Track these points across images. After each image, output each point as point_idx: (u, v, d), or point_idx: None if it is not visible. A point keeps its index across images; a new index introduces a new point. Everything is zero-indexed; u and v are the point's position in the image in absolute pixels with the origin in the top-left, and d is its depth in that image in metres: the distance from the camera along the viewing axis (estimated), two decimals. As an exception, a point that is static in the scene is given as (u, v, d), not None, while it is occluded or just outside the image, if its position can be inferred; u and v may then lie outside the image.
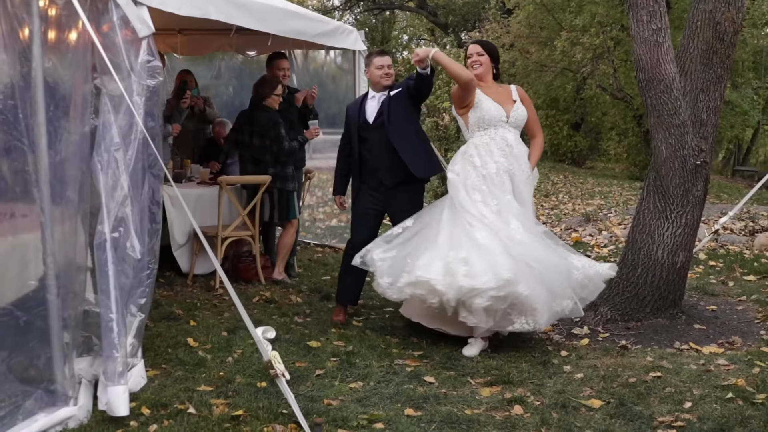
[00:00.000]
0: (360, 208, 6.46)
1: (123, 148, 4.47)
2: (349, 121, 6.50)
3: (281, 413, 4.44)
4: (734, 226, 10.91)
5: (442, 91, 13.66)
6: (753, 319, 6.59)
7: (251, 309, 6.64)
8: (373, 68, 6.39)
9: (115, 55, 4.48)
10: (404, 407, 4.64)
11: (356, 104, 6.54)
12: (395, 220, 6.33)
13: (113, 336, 4.33)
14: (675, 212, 6.29)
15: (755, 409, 4.62)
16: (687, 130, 6.14)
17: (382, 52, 6.60)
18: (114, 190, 4.45)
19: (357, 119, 6.39)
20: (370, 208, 6.40)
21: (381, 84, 6.37)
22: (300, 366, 5.31)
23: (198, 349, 5.60)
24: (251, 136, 7.62)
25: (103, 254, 4.37)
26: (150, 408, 4.51)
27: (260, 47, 8.94)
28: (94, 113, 4.54)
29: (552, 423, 4.44)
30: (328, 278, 7.92)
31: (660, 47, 5.94)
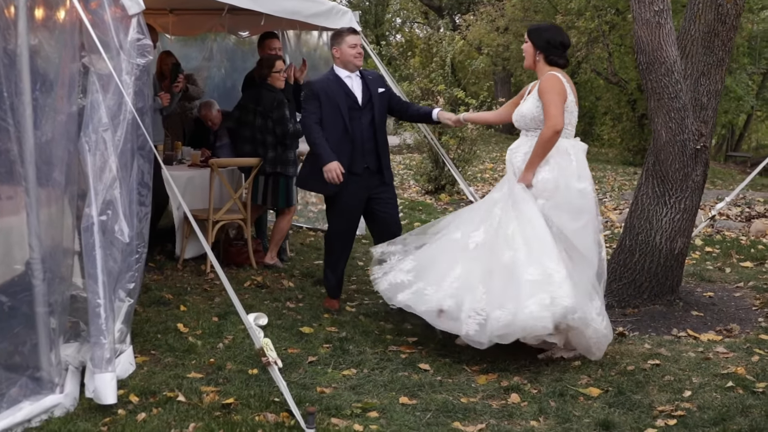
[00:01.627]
0: (349, 198, 6.10)
1: (111, 129, 4.35)
2: (325, 100, 6.03)
3: (273, 401, 4.34)
4: (730, 212, 10.84)
5: (436, 74, 13.49)
6: (750, 306, 6.52)
7: (242, 294, 6.53)
8: (345, 47, 6.11)
9: (103, 32, 4.36)
10: (399, 395, 4.55)
11: (332, 83, 6.11)
12: (374, 208, 6.19)
13: (101, 322, 4.22)
14: (674, 197, 6.19)
15: (756, 398, 4.55)
16: (687, 113, 6.03)
17: (353, 30, 6.39)
18: (102, 171, 4.33)
19: (344, 98, 6.09)
20: (359, 200, 6.15)
21: (354, 63, 6.15)
22: (292, 353, 5.21)
23: (188, 334, 5.49)
24: (254, 115, 7.41)
25: (91, 238, 4.25)
26: (138, 396, 4.41)
27: (253, 27, 8.77)
28: (81, 93, 4.42)
29: (550, 412, 4.35)
30: (320, 262, 7.79)
31: (662, 29, 5.83)
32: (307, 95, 6.16)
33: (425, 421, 4.23)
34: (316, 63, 9.94)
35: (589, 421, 4.24)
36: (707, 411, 4.37)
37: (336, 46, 6.18)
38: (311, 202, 10.04)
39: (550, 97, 5.20)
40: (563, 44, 5.39)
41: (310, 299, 6.52)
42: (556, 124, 5.15)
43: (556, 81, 5.25)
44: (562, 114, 5.20)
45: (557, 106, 5.18)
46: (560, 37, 5.40)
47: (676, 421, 4.23)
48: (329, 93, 6.08)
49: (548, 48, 5.33)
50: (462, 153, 12.62)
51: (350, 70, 6.17)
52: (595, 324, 4.96)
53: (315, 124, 6.05)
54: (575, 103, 5.33)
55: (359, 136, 6.08)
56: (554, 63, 5.35)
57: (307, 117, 6.10)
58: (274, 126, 7.28)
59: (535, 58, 5.39)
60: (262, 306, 6.21)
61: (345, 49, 6.13)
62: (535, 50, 5.38)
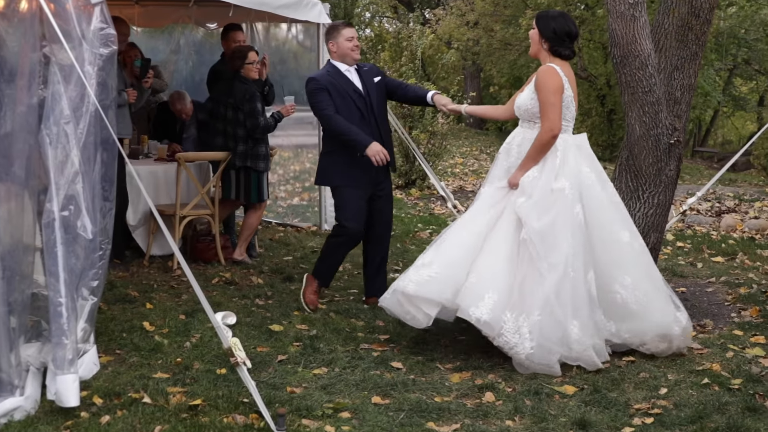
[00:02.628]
0: (358, 189, 5.96)
1: (74, 121, 4.21)
2: (335, 93, 5.88)
3: (242, 402, 4.22)
4: (700, 206, 10.86)
5: (407, 68, 13.38)
6: (723, 302, 6.49)
7: (210, 291, 6.40)
8: (342, 40, 5.99)
9: (65, 22, 4.22)
10: (371, 395, 4.44)
11: (336, 76, 5.96)
12: (376, 203, 6.08)
13: (62, 321, 4.07)
14: (647, 192, 6.14)
15: (732, 395, 4.50)
16: (661, 108, 5.98)
17: (349, 23, 6.26)
18: (64, 165, 4.18)
19: (349, 91, 5.93)
20: (366, 192, 6.03)
21: (351, 57, 6.02)
22: (261, 351, 5.09)
23: (154, 333, 5.35)
24: (226, 108, 7.25)
25: (52, 234, 4.10)
26: (102, 397, 4.27)
27: (221, 19, 8.61)
28: (42, 84, 4.27)
29: (525, 411, 4.27)
30: (290, 258, 7.69)
31: (636, 22, 5.76)
32: (315, 89, 5.92)
33: (398, 421, 4.12)
34: (285, 56, 9.82)
35: (566, 420, 4.16)
36: (684, 409, 4.31)
37: (332, 40, 6.04)
38: (280, 197, 9.91)
39: (546, 97, 5.03)
40: (570, 34, 5.17)
41: (279, 296, 6.39)
42: (553, 128, 5.01)
43: (551, 77, 5.07)
44: (560, 116, 5.05)
45: (554, 108, 5.02)
46: (568, 26, 5.18)
47: (653, 420, 4.16)
48: (337, 86, 5.92)
49: (554, 38, 5.12)
50: (432, 147, 12.54)
51: (348, 64, 6.03)
52: (520, 348, 4.78)
53: (336, 114, 5.87)
54: (573, 97, 5.16)
55: (365, 129, 5.94)
56: (558, 54, 5.16)
57: (324, 109, 5.89)
58: (245, 119, 7.13)
59: (541, 47, 5.20)
60: (230, 303, 6.08)
61: (342, 43, 5.99)
62: (540, 38, 5.18)
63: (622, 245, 5.13)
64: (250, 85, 7.18)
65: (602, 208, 5.15)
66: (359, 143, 5.80)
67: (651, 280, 5.18)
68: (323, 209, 8.99)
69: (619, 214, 5.26)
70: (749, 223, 9.69)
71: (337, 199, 6.09)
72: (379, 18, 33.94)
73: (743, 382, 4.67)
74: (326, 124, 5.97)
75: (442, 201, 10.57)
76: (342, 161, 5.97)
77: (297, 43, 9.84)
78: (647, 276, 5.18)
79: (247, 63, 7.18)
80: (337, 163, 5.99)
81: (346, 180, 5.98)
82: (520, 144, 5.21)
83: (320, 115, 5.98)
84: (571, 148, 5.14)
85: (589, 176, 5.16)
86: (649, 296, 5.08)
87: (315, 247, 8.13)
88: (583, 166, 5.18)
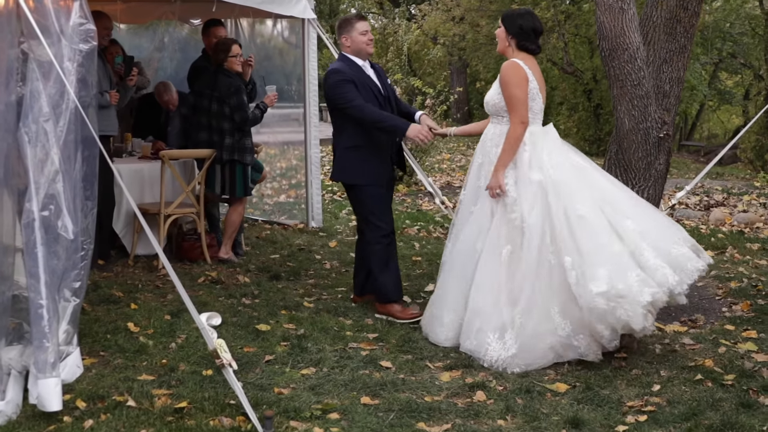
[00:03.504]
0: (382, 187, 5.83)
1: (53, 119, 4.11)
2: (360, 86, 5.69)
3: (228, 404, 4.14)
4: (689, 200, 10.82)
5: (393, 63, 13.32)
6: (714, 296, 6.45)
7: (196, 290, 6.30)
8: (356, 34, 5.78)
9: (43, 17, 4.11)
10: (360, 395, 4.37)
11: (356, 69, 5.77)
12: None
13: (44, 324, 3.98)
14: (637, 186, 6.06)
15: (725, 391, 4.45)
16: (650, 101, 5.92)
17: (362, 16, 6.06)
18: (43, 164, 4.09)
19: (370, 84, 5.78)
20: (388, 190, 5.94)
21: (366, 51, 5.84)
22: (248, 351, 5.01)
23: (139, 334, 5.25)
24: (210, 101, 7.14)
25: (32, 234, 4.01)
26: (86, 401, 4.18)
27: (204, 15, 8.49)
28: (21, 80, 4.17)
29: (517, 410, 4.21)
30: (276, 257, 7.60)
31: (624, 15, 5.69)
32: (340, 81, 5.69)
33: (388, 422, 4.05)
34: (271, 53, 9.72)
35: (558, 419, 4.10)
36: (677, 405, 4.26)
37: (345, 34, 5.83)
38: (266, 194, 9.81)
39: (511, 92, 5.10)
40: (535, 30, 5.28)
41: (266, 295, 6.29)
42: (523, 120, 5.08)
43: (514, 71, 5.13)
44: (527, 108, 5.11)
45: (520, 101, 5.08)
46: (533, 23, 5.28)
47: (646, 417, 4.11)
48: (359, 79, 5.75)
49: (520, 34, 5.22)
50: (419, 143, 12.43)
51: (362, 58, 5.86)
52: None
53: (367, 103, 5.65)
54: (539, 89, 5.20)
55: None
56: (525, 49, 5.25)
57: (353, 99, 5.63)
58: (231, 112, 7.03)
59: (508, 43, 5.27)
60: (216, 303, 6.00)
61: (356, 37, 5.80)
62: (507, 35, 5.27)
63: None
64: (234, 78, 7.09)
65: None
66: (398, 128, 5.66)
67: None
68: (310, 206, 8.90)
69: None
70: (738, 216, 9.67)
71: (364, 198, 5.81)
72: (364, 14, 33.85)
73: (736, 378, 4.63)
74: (358, 113, 5.64)
75: (430, 197, 10.50)
76: (367, 157, 5.77)
77: (282, 40, 9.73)
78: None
79: (231, 56, 7.09)
80: (363, 160, 5.77)
81: (371, 178, 5.79)
82: (492, 138, 5.27)
83: (350, 106, 5.65)
84: (540, 139, 5.18)
85: (578, 162, 5.21)
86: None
87: (302, 245, 8.05)
88: (571, 154, 5.25)
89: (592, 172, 5.19)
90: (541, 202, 4.98)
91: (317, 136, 8.96)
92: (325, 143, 10.48)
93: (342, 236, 8.63)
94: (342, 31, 5.88)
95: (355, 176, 5.81)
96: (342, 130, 5.82)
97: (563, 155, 5.18)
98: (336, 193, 11.78)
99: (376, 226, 5.79)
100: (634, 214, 5.00)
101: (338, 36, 5.94)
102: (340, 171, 5.88)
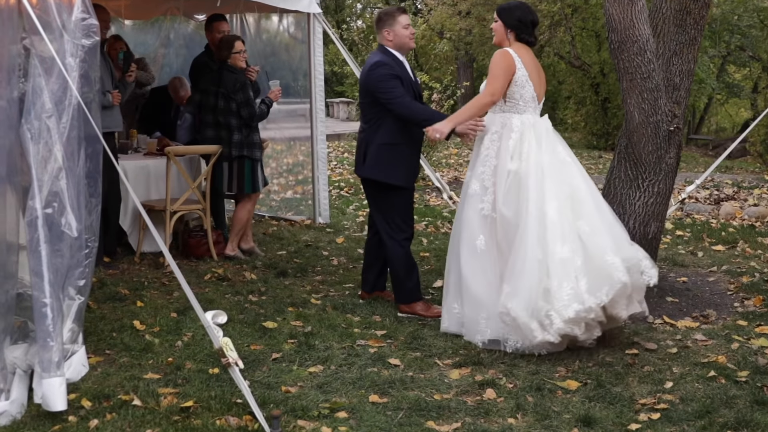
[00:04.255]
0: (413, 188, 5.82)
1: (56, 115, 4.06)
2: (403, 82, 5.58)
3: (235, 403, 4.09)
4: (698, 194, 10.73)
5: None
6: (725, 291, 6.37)
7: (203, 287, 6.26)
8: (399, 27, 5.62)
9: (45, 12, 4.06)
10: (368, 393, 4.31)
11: (399, 65, 5.64)
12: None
13: (48, 323, 3.92)
14: (647, 180, 6.01)
15: (739, 388, 4.39)
16: (660, 94, 5.85)
17: (404, 9, 5.83)
18: (46, 161, 4.04)
19: (410, 81, 5.66)
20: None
21: (408, 46, 5.72)
22: (255, 349, 4.95)
23: (145, 332, 5.20)
24: (216, 98, 7.09)
25: (35, 232, 3.96)
26: (91, 400, 4.13)
27: (209, 10, 8.42)
28: (23, 77, 4.12)
29: (528, 408, 4.14)
30: (283, 253, 7.54)
31: (634, 6, 5.62)
32: (388, 75, 5.54)
33: (397, 420, 3.99)
34: (277, 49, 9.66)
35: (570, 417, 4.04)
36: (690, 403, 4.19)
37: (387, 28, 5.67)
38: (273, 190, 9.76)
39: (493, 72, 5.26)
40: (533, 22, 5.40)
41: (273, 292, 6.24)
42: (494, 94, 5.24)
43: (502, 58, 5.25)
44: (503, 86, 5.22)
45: (498, 79, 5.21)
46: (530, 15, 5.39)
47: (659, 415, 4.04)
48: (403, 75, 5.62)
49: (519, 26, 5.31)
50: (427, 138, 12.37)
51: (404, 53, 5.74)
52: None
53: (404, 96, 5.53)
54: (528, 77, 5.25)
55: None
56: (524, 41, 5.34)
57: (402, 96, 5.50)
58: (238, 108, 6.98)
59: (506, 36, 5.33)
60: (223, 300, 5.94)
61: (399, 31, 5.65)
62: (506, 29, 5.33)
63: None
64: (239, 74, 7.03)
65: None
66: (433, 115, 5.61)
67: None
68: (317, 202, 8.84)
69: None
70: (749, 210, 9.58)
71: (396, 199, 5.67)
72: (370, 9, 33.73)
73: (750, 374, 4.56)
74: (405, 110, 5.51)
75: (438, 192, 10.44)
76: (405, 156, 5.67)
77: (288, 35, 9.67)
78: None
79: (234, 52, 7.03)
80: (400, 158, 5.64)
81: (410, 180, 5.72)
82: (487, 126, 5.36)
83: (396, 103, 5.50)
84: (528, 129, 5.22)
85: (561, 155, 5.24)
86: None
87: (309, 241, 7.99)
88: (557, 146, 5.27)
89: (571, 167, 5.21)
90: (514, 192, 5.09)
91: (324, 131, 8.90)
92: (331, 139, 10.44)
93: (349, 232, 8.57)
94: (384, 24, 5.70)
95: (391, 175, 5.63)
96: (378, 125, 5.64)
97: (547, 147, 5.20)
98: (343, 189, 11.72)
99: (402, 229, 5.70)
100: (589, 216, 5.05)
101: (378, 29, 5.76)
102: (374, 168, 5.67)
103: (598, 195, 5.31)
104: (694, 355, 4.90)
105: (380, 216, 5.77)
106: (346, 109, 25.90)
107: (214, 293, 6.13)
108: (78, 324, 4.38)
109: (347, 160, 15.43)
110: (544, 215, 4.94)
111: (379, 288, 6.04)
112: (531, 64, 5.29)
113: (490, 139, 5.27)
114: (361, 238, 8.24)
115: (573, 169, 5.19)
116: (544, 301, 4.77)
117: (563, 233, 4.90)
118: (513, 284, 4.89)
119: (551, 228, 4.91)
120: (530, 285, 4.81)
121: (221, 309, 5.53)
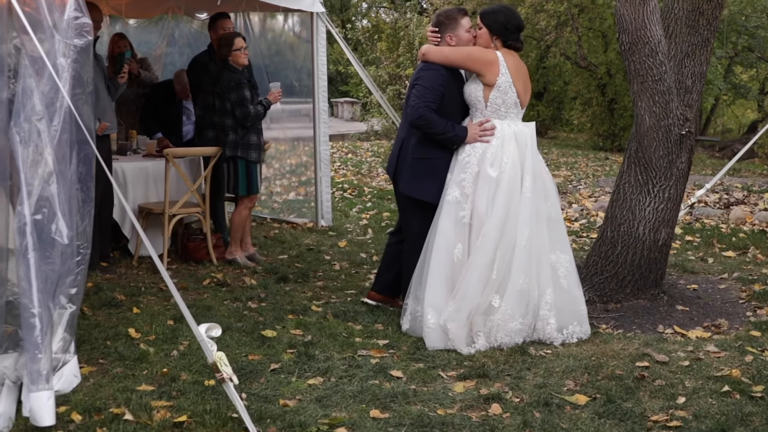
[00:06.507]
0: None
1: (47, 118, 3.90)
2: (447, 96, 5.32)
3: (231, 418, 3.93)
4: (708, 198, 10.54)
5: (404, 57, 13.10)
6: (737, 299, 6.20)
7: (201, 293, 6.11)
8: (462, 31, 5.32)
9: (35, 11, 3.90)
10: (369, 407, 4.14)
11: (451, 75, 5.34)
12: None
13: (36, 334, 3.77)
14: (658, 186, 5.86)
15: (755, 405, 4.21)
16: (672, 97, 5.69)
17: (465, 11, 5.47)
18: (36, 165, 3.88)
19: (458, 94, 5.36)
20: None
21: None
22: (253, 359, 4.79)
23: (140, 341, 5.05)
24: (213, 98, 6.94)
25: (24, 239, 3.80)
26: (82, 414, 3.97)
27: (211, 8, 8.28)
28: (13, 77, 3.96)
29: (535, 425, 3.98)
30: (285, 257, 7.39)
31: (645, 7, 5.47)
32: (436, 84, 5.28)
33: (399, 437, 3.84)
34: (281, 48, 9.52)
35: (579, 435, 3.88)
36: (704, 420, 4.02)
37: (450, 32, 5.34)
38: (275, 192, 9.61)
39: (467, 50, 5.25)
40: (519, 27, 5.29)
41: (273, 298, 6.08)
42: (445, 54, 5.26)
43: (486, 52, 5.20)
44: (464, 60, 5.23)
45: (461, 54, 5.24)
46: (516, 20, 5.29)
47: (672, 433, 3.89)
48: (450, 89, 5.32)
49: (505, 32, 5.22)
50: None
51: None
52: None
53: (431, 110, 5.24)
54: (512, 84, 5.17)
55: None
56: (511, 47, 5.25)
57: (430, 108, 5.24)
58: (233, 108, 6.83)
59: (492, 44, 5.23)
60: (221, 306, 5.79)
61: (463, 35, 5.33)
62: (491, 35, 5.22)
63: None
64: (237, 73, 6.88)
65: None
66: (458, 136, 5.26)
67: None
68: (320, 204, 8.69)
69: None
70: (759, 215, 9.39)
71: (428, 217, 5.33)
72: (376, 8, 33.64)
73: (766, 390, 4.39)
74: (422, 123, 5.26)
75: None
76: (439, 170, 5.33)
77: (293, 35, 9.53)
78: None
79: (234, 50, 6.88)
80: (435, 174, 5.34)
81: (438, 197, 5.31)
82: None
83: (422, 114, 5.25)
84: (509, 135, 5.16)
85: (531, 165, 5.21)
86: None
87: (311, 245, 7.84)
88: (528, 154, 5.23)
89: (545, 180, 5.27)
90: (494, 198, 5.07)
91: (327, 132, 8.75)
92: (335, 139, 10.29)
93: (352, 236, 8.42)
94: (446, 29, 5.38)
95: (426, 193, 5.37)
96: (414, 133, 5.38)
97: (530, 157, 5.19)
98: (346, 190, 11.57)
99: (419, 239, 5.42)
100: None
101: (441, 34, 5.40)
102: (408, 182, 5.44)
103: (559, 222, 5.39)
104: (707, 368, 4.73)
105: (407, 224, 5.62)
106: (350, 109, 25.78)
107: (213, 299, 5.98)
108: (70, 333, 4.22)
109: (351, 161, 15.28)
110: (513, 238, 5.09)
111: (390, 294, 5.87)
112: (516, 70, 5.19)
113: (471, 146, 5.18)
114: (363, 242, 8.09)
115: (548, 184, 5.26)
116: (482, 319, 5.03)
117: (528, 262, 5.05)
118: (457, 304, 5.03)
119: (518, 254, 5.04)
120: (476, 305, 5.03)
121: (220, 316, 5.45)
